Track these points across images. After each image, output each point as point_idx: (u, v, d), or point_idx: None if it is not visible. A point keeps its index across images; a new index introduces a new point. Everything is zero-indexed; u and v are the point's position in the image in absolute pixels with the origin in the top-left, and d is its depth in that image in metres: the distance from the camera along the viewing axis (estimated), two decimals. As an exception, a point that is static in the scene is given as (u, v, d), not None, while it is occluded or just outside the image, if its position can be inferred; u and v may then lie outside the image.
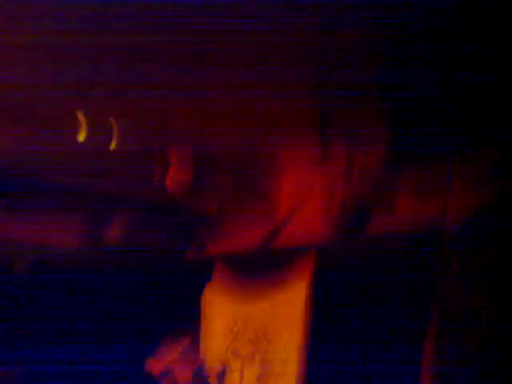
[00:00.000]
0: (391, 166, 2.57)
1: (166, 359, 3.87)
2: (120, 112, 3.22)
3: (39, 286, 4.56)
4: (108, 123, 3.34)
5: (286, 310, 3.53)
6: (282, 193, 3.63)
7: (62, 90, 2.89)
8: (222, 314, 4.23)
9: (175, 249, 4.58)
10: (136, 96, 3.01)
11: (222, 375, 3.64)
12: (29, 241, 4.44)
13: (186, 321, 4.40)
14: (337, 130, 2.82)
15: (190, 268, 4.77)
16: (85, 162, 3.50)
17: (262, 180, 3.73)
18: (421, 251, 2.57)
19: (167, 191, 3.54)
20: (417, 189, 2.42)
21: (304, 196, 3.39)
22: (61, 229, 4.58)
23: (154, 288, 4.87)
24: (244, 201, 3.67)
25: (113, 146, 3.40)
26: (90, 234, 4.59)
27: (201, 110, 3.05)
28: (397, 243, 2.71)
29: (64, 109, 3.11)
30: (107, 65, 2.72)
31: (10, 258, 4.54)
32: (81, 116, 3.25)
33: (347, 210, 2.84)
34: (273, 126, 2.99)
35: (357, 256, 2.97)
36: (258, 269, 3.89)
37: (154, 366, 3.94)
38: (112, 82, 2.89)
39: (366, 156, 2.65)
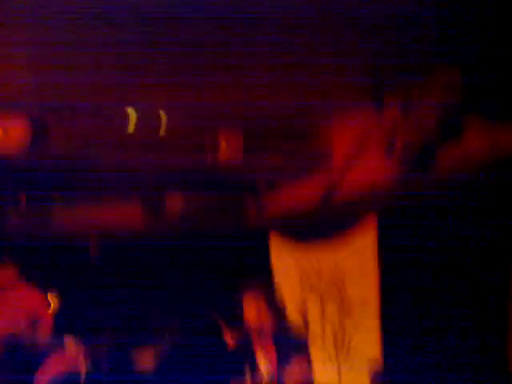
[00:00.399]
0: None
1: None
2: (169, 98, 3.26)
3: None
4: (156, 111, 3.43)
5: (358, 247, 3.67)
6: (339, 146, 3.67)
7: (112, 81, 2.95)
8: (294, 258, 4.42)
9: (237, 205, 4.71)
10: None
11: (303, 313, 3.83)
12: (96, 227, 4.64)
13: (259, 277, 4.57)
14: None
15: (252, 222, 4.92)
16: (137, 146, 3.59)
17: (316, 138, 3.77)
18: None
19: (220, 167, 3.63)
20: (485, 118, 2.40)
21: (362, 144, 3.42)
22: (122, 212, 4.76)
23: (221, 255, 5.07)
24: (301, 151, 3.73)
25: (162, 132, 3.49)
26: (149, 214, 4.76)
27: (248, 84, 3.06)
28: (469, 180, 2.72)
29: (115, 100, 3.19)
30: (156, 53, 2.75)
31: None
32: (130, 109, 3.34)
33: (410, 150, 2.85)
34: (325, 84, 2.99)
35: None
36: (324, 227, 4.00)
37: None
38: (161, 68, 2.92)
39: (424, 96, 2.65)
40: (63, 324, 3.60)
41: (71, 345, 1.80)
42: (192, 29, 2.62)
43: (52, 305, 2.73)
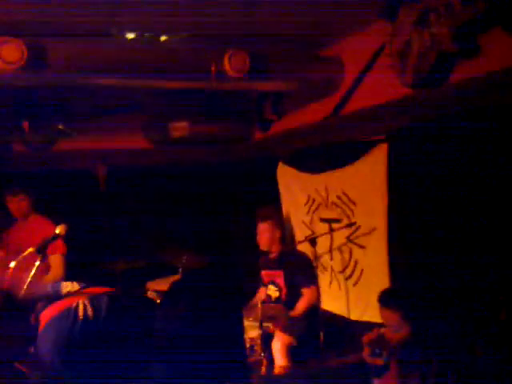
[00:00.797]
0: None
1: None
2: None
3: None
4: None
5: (367, 172, 3.58)
6: (349, 57, 3.50)
7: None
8: (302, 186, 4.37)
9: (243, 131, 4.62)
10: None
11: (313, 241, 3.84)
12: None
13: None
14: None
15: (259, 150, 4.84)
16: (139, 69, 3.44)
17: (325, 49, 3.59)
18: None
19: (229, 76, 3.48)
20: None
21: (373, 56, 3.26)
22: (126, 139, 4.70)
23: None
24: (310, 72, 3.56)
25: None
26: (157, 132, 4.67)
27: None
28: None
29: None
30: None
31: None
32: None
33: (424, 60, 2.70)
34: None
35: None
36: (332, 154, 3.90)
37: None
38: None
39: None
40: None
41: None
42: None
43: (61, 233, 2.72)
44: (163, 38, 3.52)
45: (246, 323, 3.46)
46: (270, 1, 2.97)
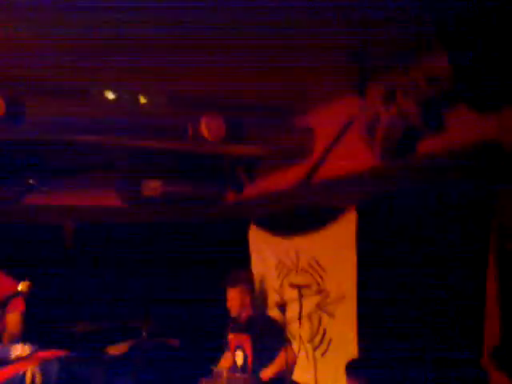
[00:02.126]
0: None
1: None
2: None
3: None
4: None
5: (337, 239, 3.61)
6: (320, 128, 3.62)
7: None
8: (273, 249, 4.37)
9: (216, 193, 4.64)
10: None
11: (282, 308, 3.79)
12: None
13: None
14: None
15: (231, 212, 4.85)
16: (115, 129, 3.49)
17: (298, 118, 3.71)
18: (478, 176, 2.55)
19: (204, 140, 3.54)
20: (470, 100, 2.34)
21: (343, 128, 3.37)
22: (99, 196, 4.67)
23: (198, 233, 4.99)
24: (282, 139, 3.66)
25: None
26: (125, 199, 4.66)
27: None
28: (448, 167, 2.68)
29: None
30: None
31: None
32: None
33: (392, 133, 2.81)
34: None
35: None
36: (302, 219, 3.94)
37: None
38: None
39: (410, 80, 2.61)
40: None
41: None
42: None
43: (23, 291, 2.63)
44: (142, 99, 3.61)
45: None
46: (247, 71, 3.09)
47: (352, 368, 2.68)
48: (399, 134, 2.79)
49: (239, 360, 3.83)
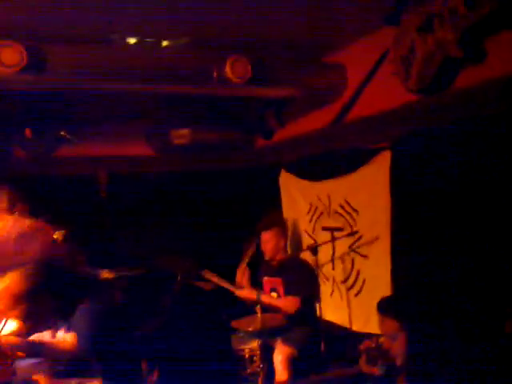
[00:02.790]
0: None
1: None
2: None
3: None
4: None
5: (371, 180, 3.53)
6: (352, 64, 3.47)
7: None
8: (305, 194, 4.32)
9: (245, 139, 4.58)
10: None
11: (315, 250, 3.78)
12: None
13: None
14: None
15: (261, 158, 4.79)
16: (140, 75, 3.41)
17: (328, 56, 3.56)
18: None
19: (230, 82, 3.44)
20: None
21: (376, 63, 3.22)
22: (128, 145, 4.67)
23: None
24: (312, 79, 3.53)
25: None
26: (159, 139, 4.64)
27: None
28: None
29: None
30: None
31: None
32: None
33: (428, 66, 2.65)
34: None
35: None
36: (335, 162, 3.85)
37: None
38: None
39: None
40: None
41: None
42: None
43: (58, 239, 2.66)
44: (165, 43, 3.50)
45: (245, 333, 3.39)
46: (273, 7, 2.94)
47: (383, 305, 2.66)
48: (436, 67, 2.64)
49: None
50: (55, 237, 2.63)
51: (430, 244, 3.06)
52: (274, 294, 3.88)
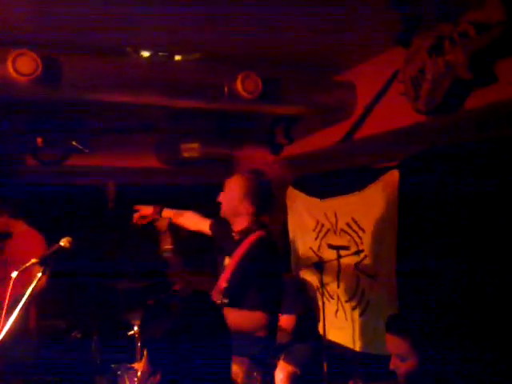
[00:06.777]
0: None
1: None
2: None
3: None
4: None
5: (378, 200, 3.51)
6: (362, 83, 3.49)
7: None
8: (312, 211, 4.31)
9: (254, 155, 4.59)
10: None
11: (320, 268, 3.76)
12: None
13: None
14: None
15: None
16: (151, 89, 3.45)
17: (338, 74, 3.58)
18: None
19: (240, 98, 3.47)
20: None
21: (387, 82, 3.24)
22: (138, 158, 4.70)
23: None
24: (322, 97, 3.55)
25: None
26: (168, 152, 4.67)
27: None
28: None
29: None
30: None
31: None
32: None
33: (438, 87, 2.66)
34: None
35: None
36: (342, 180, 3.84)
37: None
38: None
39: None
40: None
41: None
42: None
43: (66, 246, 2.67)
44: (177, 57, 3.55)
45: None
46: (285, 25, 2.98)
47: (393, 323, 2.60)
48: (446, 88, 2.65)
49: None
50: (62, 243, 2.64)
51: (438, 265, 3.03)
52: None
